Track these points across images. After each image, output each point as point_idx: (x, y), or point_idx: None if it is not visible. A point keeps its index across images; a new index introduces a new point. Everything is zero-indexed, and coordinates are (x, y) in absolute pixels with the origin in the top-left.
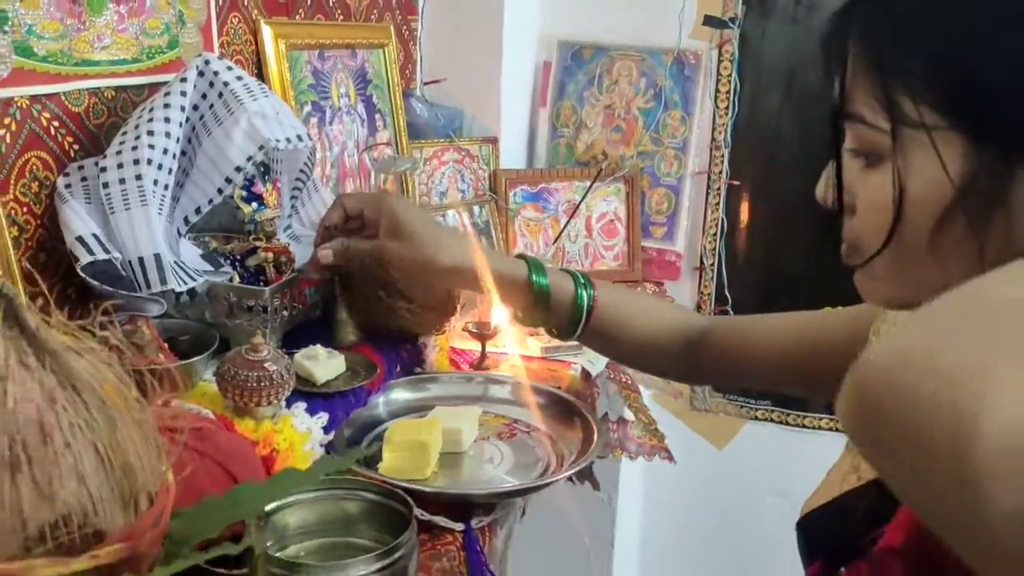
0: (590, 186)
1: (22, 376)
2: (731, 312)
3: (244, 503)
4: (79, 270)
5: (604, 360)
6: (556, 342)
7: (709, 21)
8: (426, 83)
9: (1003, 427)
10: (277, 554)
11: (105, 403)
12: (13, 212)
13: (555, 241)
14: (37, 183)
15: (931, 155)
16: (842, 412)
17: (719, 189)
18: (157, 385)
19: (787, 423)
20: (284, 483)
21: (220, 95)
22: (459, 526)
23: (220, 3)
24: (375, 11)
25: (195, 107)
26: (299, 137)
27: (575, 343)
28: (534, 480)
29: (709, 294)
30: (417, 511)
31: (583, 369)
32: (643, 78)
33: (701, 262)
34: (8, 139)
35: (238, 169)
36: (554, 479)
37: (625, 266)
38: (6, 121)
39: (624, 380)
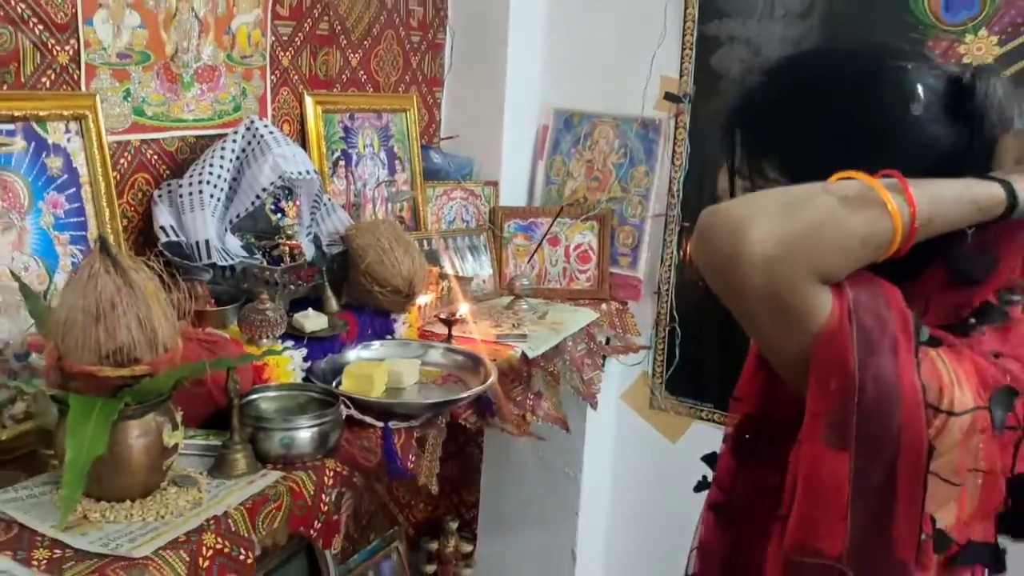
0: (552, 221)
1: (104, 276)
2: (678, 329)
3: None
4: (160, 246)
5: (543, 349)
6: (507, 328)
7: (668, 96)
8: (443, 139)
9: (751, 241)
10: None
11: (147, 296)
12: (125, 210)
13: (529, 259)
14: (141, 193)
15: None
16: (692, 247)
17: (673, 228)
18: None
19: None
20: (225, 363)
21: (258, 143)
22: (380, 424)
23: (275, 80)
24: (402, 85)
25: (243, 150)
26: (308, 171)
27: (522, 332)
28: (433, 401)
29: (664, 313)
30: (352, 412)
31: (523, 352)
32: (617, 140)
33: (659, 288)
34: (125, 165)
35: (264, 190)
36: (447, 399)
37: (595, 287)
38: (126, 155)
39: (551, 370)
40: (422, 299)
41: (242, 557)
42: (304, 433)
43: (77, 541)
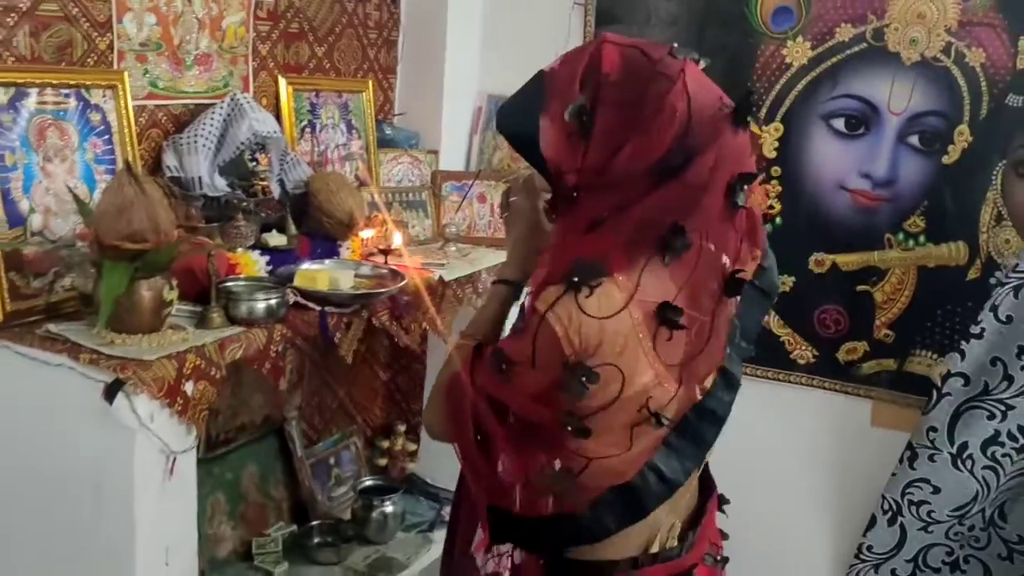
0: (472, 181)
1: (128, 185)
2: None
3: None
4: (167, 180)
5: (457, 275)
6: (431, 258)
7: None
8: (395, 115)
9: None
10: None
11: (154, 201)
12: (141, 154)
13: (457, 210)
14: (153, 143)
15: None
16: None
17: None
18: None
19: None
20: (205, 249)
21: (239, 109)
22: (317, 308)
23: (256, 66)
24: (361, 72)
25: (228, 115)
26: (274, 132)
27: (443, 262)
28: (358, 292)
29: None
30: (298, 298)
31: (440, 276)
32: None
33: None
34: (143, 122)
35: (242, 143)
36: (369, 292)
37: None
38: (144, 115)
39: (459, 294)
40: (365, 232)
41: (212, 372)
42: (260, 304)
43: (108, 349)
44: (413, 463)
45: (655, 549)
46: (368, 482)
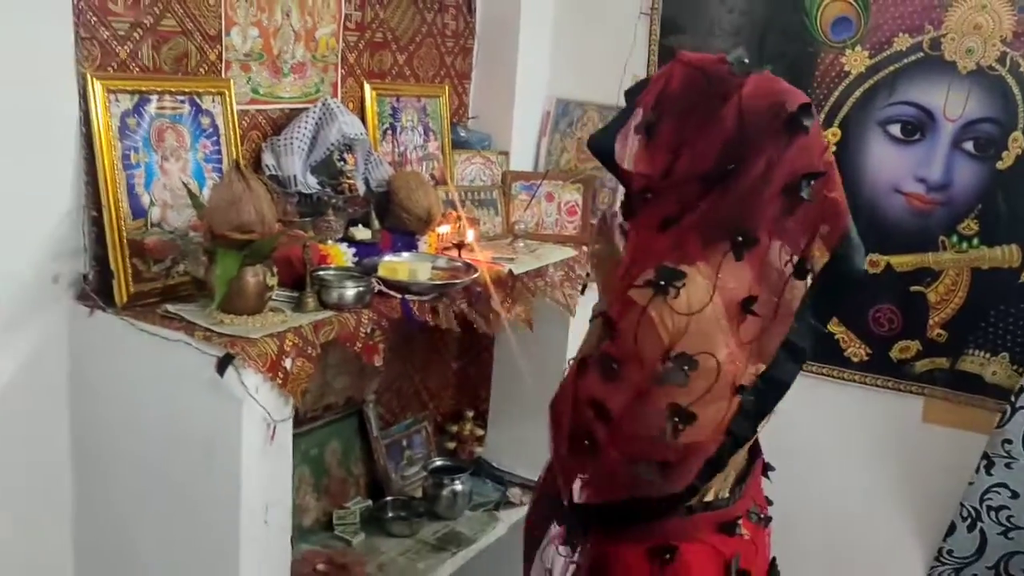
0: (541, 181)
1: (236, 182)
2: None
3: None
4: (267, 178)
5: (525, 269)
6: (501, 253)
7: None
8: (468, 118)
9: None
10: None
11: (259, 195)
12: (244, 153)
13: (526, 209)
14: (254, 144)
15: None
16: None
17: None
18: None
19: None
20: (301, 239)
21: (329, 113)
22: (399, 296)
23: (344, 73)
24: (438, 78)
25: (320, 118)
26: (361, 133)
27: (512, 257)
28: (436, 282)
29: None
30: (382, 287)
31: (510, 270)
32: (600, 123)
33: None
34: (245, 124)
35: (332, 144)
36: (446, 282)
37: (580, 233)
38: (246, 118)
39: (530, 286)
40: (441, 228)
41: (308, 350)
42: (350, 291)
43: (219, 328)
44: (480, 447)
45: (709, 498)
46: (438, 462)
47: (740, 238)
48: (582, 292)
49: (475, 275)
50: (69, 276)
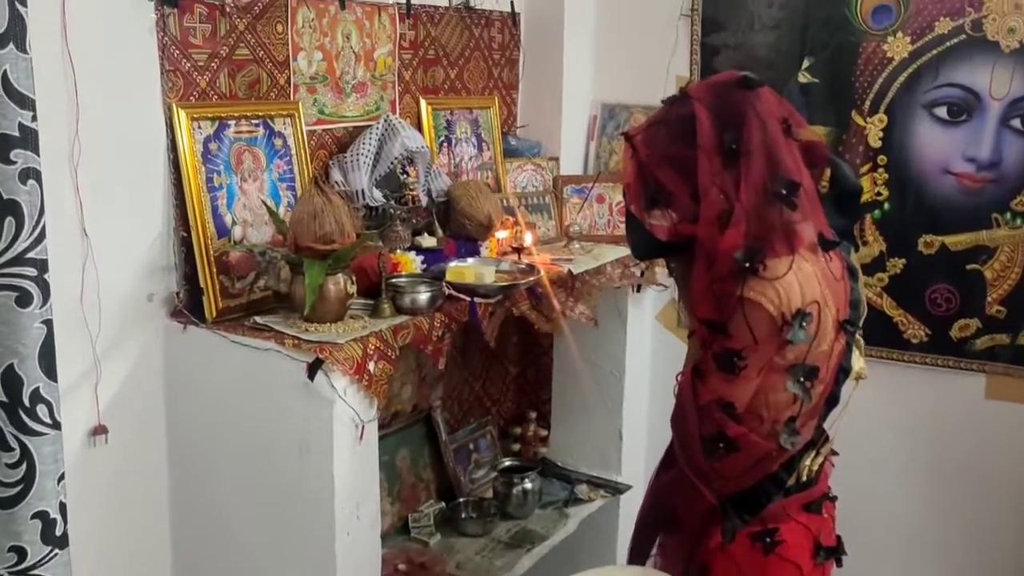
0: (592, 184)
1: (317, 196)
2: None
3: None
4: (337, 193)
5: (584, 268)
6: (559, 255)
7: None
8: (518, 127)
9: None
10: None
11: (338, 208)
12: (313, 171)
13: (579, 211)
14: (322, 161)
15: None
16: None
17: None
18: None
19: None
20: (377, 248)
21: (391, 129)
22: (467, 298)
23: (401, 90)
24: (487, 90)
25: (383, 134)
26: (422, 146)
27: (570, 258)
28: (502, 284)
29: None
30: (451, 291)
31: (569, 270)
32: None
33: None
34: (313, 144)
35: (395, 159)
36: (511, 284)
37: None
38: (314, 138)
39: (592, 282)
40: (499, 234)
41: (389, 353)
42: (423, 296)
43: (306, 336)
44: (544, 448)
45: (803, 478)
46: (507, 462)
47: (784, 191)
48: (637, 290)
49: (538, 276)
50: (163, 294)
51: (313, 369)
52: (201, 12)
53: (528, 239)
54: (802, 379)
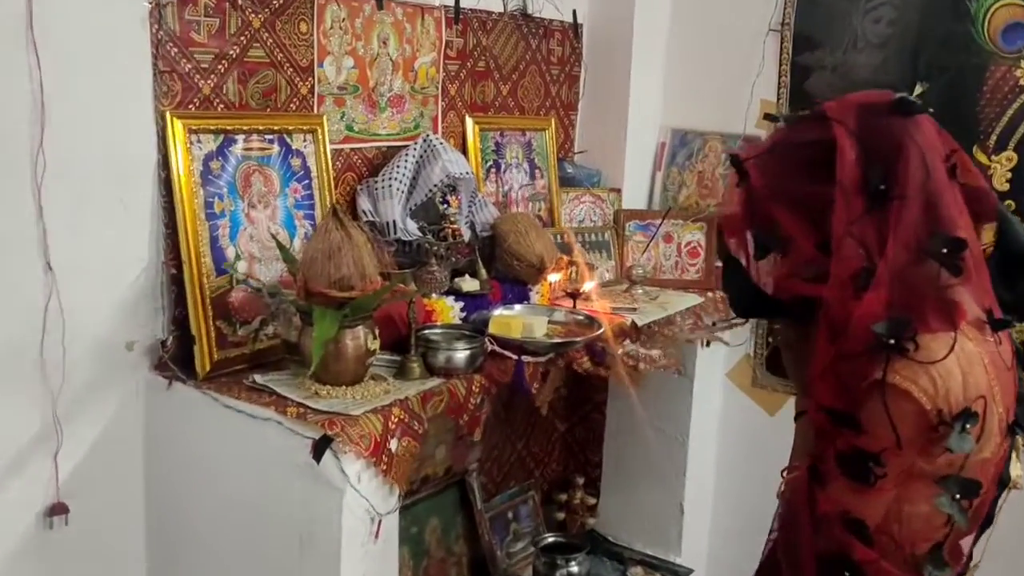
0: (662, 220)
1: (334, 231)
2: None
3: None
4: (363, 224)
5: (650, 319)
6: (620, 302)
7: (768, 117)
8: (576, 153)
9: None
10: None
11: (359, 245)
12: (338, 198)
13: (644, 252)
14: (349, 187)
15: None
16: None
17: None
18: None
19: None
20: (407, 294)
21: (432, 151)
22: (514, 356)
23: (444, 106)
24: (543, 109)
25: (421, 156)
26: (467, 172)
27: (634, 307)
28: (555, 341)
29: None
30: (495, 347)
31: (633, 321)
32: (724, 153)
33: None
34: (340, 165)
35: (435, 186)
36: (567, 340)
37: (703, 278)
38: (340, 158)
39: (661, 334)
40: (552, 276)
41: (415, 427)
42: (460, 354)
43: (314, 404)
44: (592, 518)
45: None
46: (550, 539)
47: (946, 249)
48: (707, 345)
49: (600, 331)
50: (145, 342)
51: (319, 448)
52: (207, 3)
53: (588, 284)
54: (958, 495)
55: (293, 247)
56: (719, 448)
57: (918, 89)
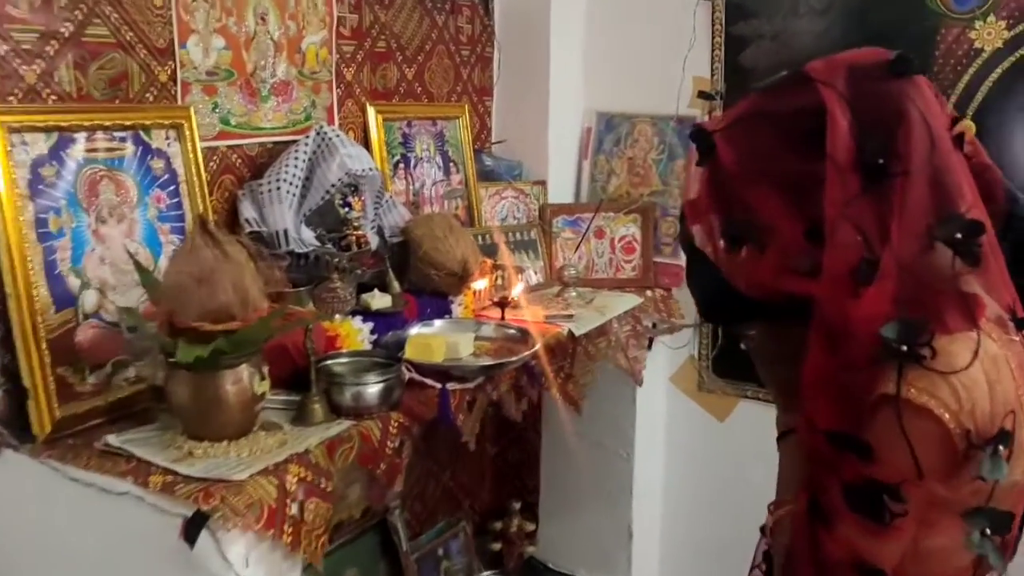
0: (594, 214)
1: (205, 248)
2: None
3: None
4: (247, 237)
5: (588, 328)
6: (556, 311)
7: (702, 95)
8: (493, 143)
9: None
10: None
11: (239, 265)
12: (215, 205)
13: (576, 251)
14: (227, 191)
15: None
16: None
17: None
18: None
19: (768, 401)
20: (302, 322)
21: (327, 145)
22: (438, 385)
23: (340, 93)
24: (455, 95)
25: (314, 152)
26: (370, 168)
27: (569, 314)
28: (485, 364)
29: None
30: (414, 374)
31: (570, 331)
32: (656, 137)
33: None
34: (214, 167)
35: (333, 186)
36: (498, 362)
37: (640, 275)
38: (215, 158)
39: (591, 351)
40: (477, 284)
41: (322, 485)
42: (372, 388)
43: (186, 469)
44: (532, 546)
45: None
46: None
47: (960, 234)
48: (649, 347)
49: (534, 348)
50: None
51: (192, 528)
52: None
53: (517, 290)
54: (988, 531)
55: (158, 269)
56: (666, 461)
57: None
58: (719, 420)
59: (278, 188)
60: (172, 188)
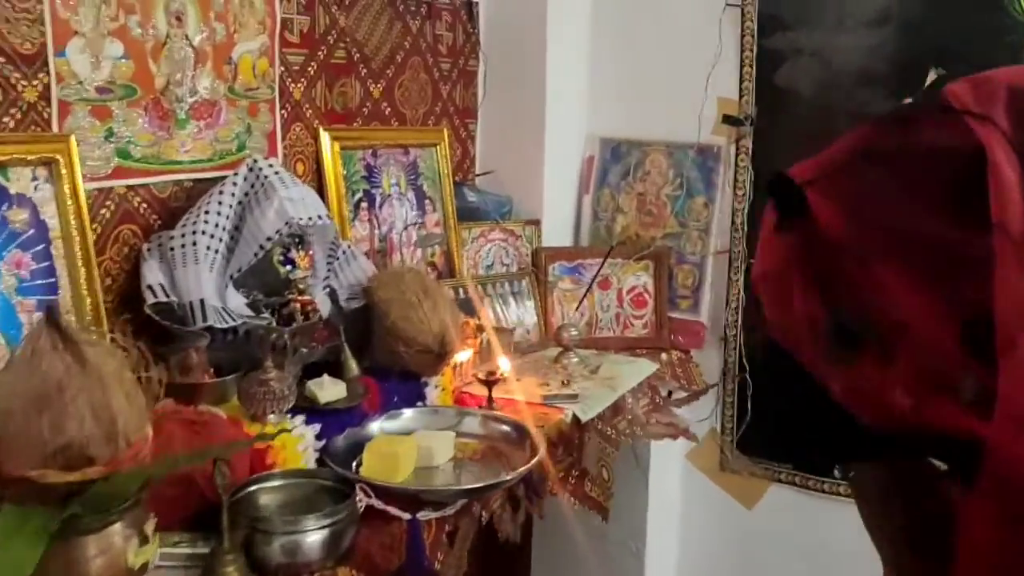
0: (602, 262)
1: (51, 353)
2: (748, 379)
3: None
4: (146, 308)
5: (597, 410)
6: (556, 391)
7: (728, 120)
8: (478, 175)
9: None
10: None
11: (104, 377)
12: (108, 267)
13: (578, 306)
14: (128, 247)
15: None
16: None
17: (739, 266)
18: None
19: (807, 487)
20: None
21: (262, 185)
22: (406, 516)
23: (285, 115)
24: (432, 117)
25: (245, 194)
26: (319, 216)
27: (572, 392)
28: (469, 487)
29: (733, 362)
30: (373, 501)
31: (574, 415)
32: (671, 169)
33: (725, 333)
34: (107, 215)
35: (269, 239)
36: (487, 483)
37: (653, 334)
38: (108, 204)
39: (609, 433)
40: (459, 356)
41: None
42: (312, 536)
43: None
44: None
45: None
46: None
47: None
48: (674, 438)
49: (535, 458)
50: None
51: None
52: None
53: (505, 365)
54: None
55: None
56: (680, 556)
57: (931, 76)
58: (746, 507)
59: (194, 243)
60: (40, 248)
